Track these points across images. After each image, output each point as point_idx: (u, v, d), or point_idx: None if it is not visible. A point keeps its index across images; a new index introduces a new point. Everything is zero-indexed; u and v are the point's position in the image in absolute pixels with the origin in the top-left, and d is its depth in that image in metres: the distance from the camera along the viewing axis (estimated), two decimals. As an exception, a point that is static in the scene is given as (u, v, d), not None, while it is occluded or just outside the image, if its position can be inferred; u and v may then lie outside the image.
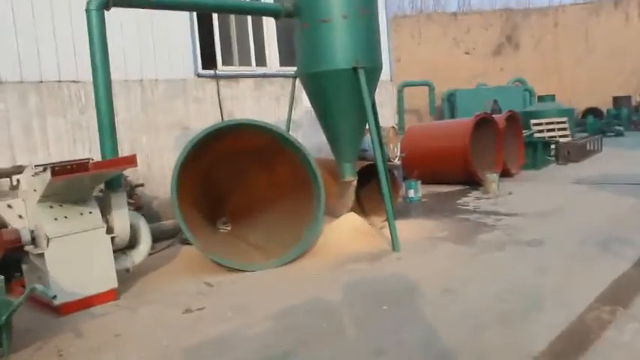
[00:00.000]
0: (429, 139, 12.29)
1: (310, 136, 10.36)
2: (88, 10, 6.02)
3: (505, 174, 12.40)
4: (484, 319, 4.76)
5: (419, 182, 10.73)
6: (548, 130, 16.39)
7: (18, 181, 5.82)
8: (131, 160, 5.70)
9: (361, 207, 9.38)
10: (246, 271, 6.71)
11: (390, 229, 7.26)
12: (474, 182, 11.45)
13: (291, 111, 8.69)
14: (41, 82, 7.86)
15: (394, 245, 7.16)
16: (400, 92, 25.84)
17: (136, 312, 5.58)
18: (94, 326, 5.26)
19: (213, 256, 6.72)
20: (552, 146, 14.92)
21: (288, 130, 8.34)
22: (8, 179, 6.46)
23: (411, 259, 6.75)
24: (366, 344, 4.45)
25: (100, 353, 4.62)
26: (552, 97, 18.40)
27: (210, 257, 6.73)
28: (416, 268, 6.37)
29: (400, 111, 25.66)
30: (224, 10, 8.62)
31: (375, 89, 8.00)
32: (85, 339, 4.97)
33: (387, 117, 13.09)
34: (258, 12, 8.46)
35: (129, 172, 8.12)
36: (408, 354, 4.21)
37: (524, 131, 14.19)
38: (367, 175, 8.70)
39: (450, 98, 25.08)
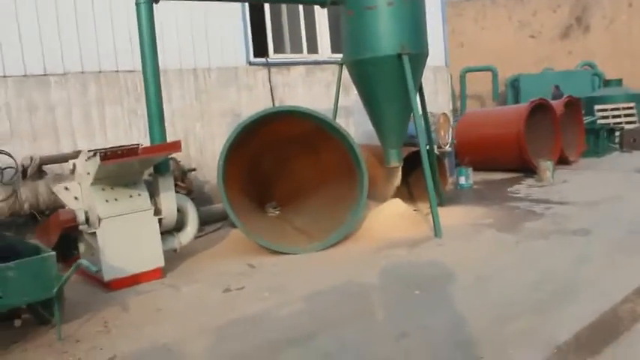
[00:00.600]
0: (484, 125, 12.11)
1: (362, 124, 10.43)
2: (137, 4, 6.31)
3: (563, 162, 12.08)
4: (514, 307, 4.76)
5: (470, 169, 10.62)
6: (614, 117, 15.75)
7: (74, 165, 6.22)
8: (176, 146, 5.98)
9: (410, 193, 9.42)
10: (288, 253, 6.91)
11: (432, 215, 7.28)
12: (528, 170, 11.21)
13: (338, 98, 8.79)
14: (100, 72, 8.30)
15: (436, 231, 7.18)
16: (462, 78, 25.37)
17: (179, 290, 5.88)
18: (138, 301, 5.60)
19: (256, 239, 6.95)
20: (617, 133, 14.35)
21: (335, 117, 8.45)
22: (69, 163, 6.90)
23: (452, 246, 6.77)
24: (391, 327, 4.55)
25: (141, 326, 4.93)
26: (619, 82, 17.62)
27: (253, 240, 6.96)
28: (455, 254, 6.38)
29: (462, 97, 25.23)
30: (271, 0, 8.80)
31: (421, 75, 8.00)
32: (130, 313, 5.30)
33: (442, 103, 12.96)
34: (305, 0, 8.57)
35: (182, 157, 8.51)
36: (430, 338, 4.28)
37: (586, 117, 13.72)
38: (416, 161, 8.70)
39: (514, 83, 24.40)
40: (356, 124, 10.90)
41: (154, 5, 6.45)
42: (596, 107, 15.76)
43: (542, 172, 10.45)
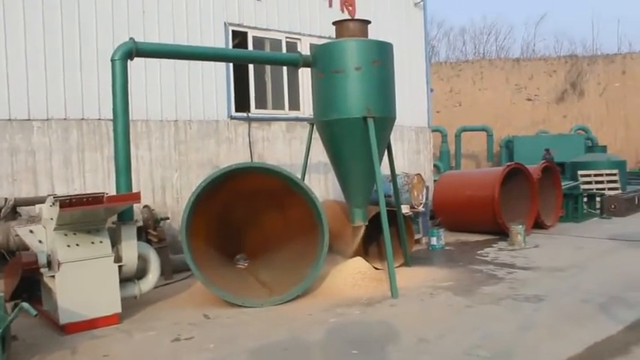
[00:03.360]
0: (461, 187, 12.32)
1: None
2: (112, 60, 6.69)
3: (540, 226, 12.25)
4: (444, 371, 4.89)
5: (442, 230, 10.80)
6: (597, 182, 15.98)
7: (41, 209, 6.48)
8: (136, 197, 6.24)
9: (379, 251, 9.58)
10: (244, 306, 7.06)
11: (389, 275, 7.45)
12: (503, 233, 11.37)
13: (308, 155, 9.09)
14: (83, 119, 8.66)
15: (392, 292, 7.32)
16: (458, 137, 25.85)
17: (131, 336, 6.04)
18: (89, 346, 5.76)
19: (214, 290, 7.10)
20: (598, 199, 14.55)
21: (304, 174, 8.71)
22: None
23: (404, 307, 6.90)
24: (319, 385, 4.68)
25: (83, 372, 5.09)
26: (603, 148, 17.95)
27: (212, 291, 7.11)
28: (404, 316, 6.52)
29: (457, 155, 25.64)
30: (245, 60, 9.23)
31: (388, 138, 8.29)
32: (77, 357, 5.46)
33: (424, 163, 13.30)
34: (278, 62, 8.98)
35: (158, 206, 8.78)
36: (352, 398, 4.41)
37: (567, 182, 13.94)
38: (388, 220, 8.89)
39: (508, 144, 24.82)
40: (334, 180, 11.14)
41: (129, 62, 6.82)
42: (580, 172, 16.01)
43: (514, 235, 10.63)
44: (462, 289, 7.60)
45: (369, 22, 8.31)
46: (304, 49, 10.99)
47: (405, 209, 9.60)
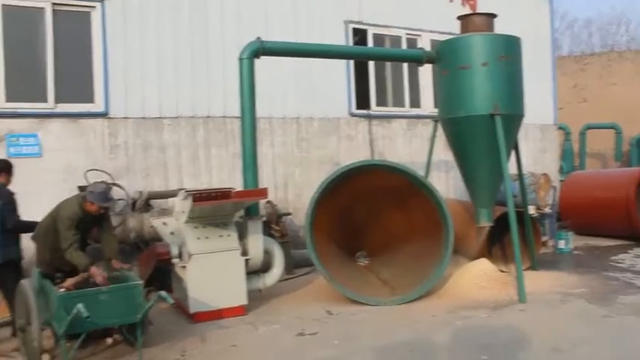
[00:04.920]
0: (590, 187, 11.56)
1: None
2: (241, 59, 6.89)
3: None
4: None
5: (571, 233, 10.17)
6: None
7: (173, 202, 6.80)
8: (263, 193, 6.38)
9: (503, 253, 9.20)
10: (367, 304, 7.01)
11: (517, 278, 7.11)
12: (639, 238, 10.53)
13: (432, 153, 8.87)
14: (209, 117, 9.01)
15: (520, 296, 6.98)
16: (583, 135, 24.34)
17: (256, 328, 6.18)
18: (217, 335, 5.97)
19: (338, 287, 7.11)
20: None
21: (429, 172, 8.52)
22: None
23: (534, 313, 6.54)
24: (448, 390, 4.53)
25: (213, 359, 5.25)
26: None
27: (335, 287, 7.12)
28: (535, 322, 6.17)
29: (582, 155, 24.16)
30: (368, 58, 9.15)
31: (516, 136, 7.92)
32: (207, 345, 5.68)
33: (549, 162, 12.65)
34: (402, 58, 8.85)
35: (279, 202, 8.95)
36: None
37: None
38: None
39: (640, 144, 23.00)
40: (456, 178, 10.84)
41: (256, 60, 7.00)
42: None
43: (653, 241, 9.81)
44: (597, 297, 7.09)
45: (495, 15, 7.99)
46: (424, 45, 10.76)
47: (531, 210, 9.15)
